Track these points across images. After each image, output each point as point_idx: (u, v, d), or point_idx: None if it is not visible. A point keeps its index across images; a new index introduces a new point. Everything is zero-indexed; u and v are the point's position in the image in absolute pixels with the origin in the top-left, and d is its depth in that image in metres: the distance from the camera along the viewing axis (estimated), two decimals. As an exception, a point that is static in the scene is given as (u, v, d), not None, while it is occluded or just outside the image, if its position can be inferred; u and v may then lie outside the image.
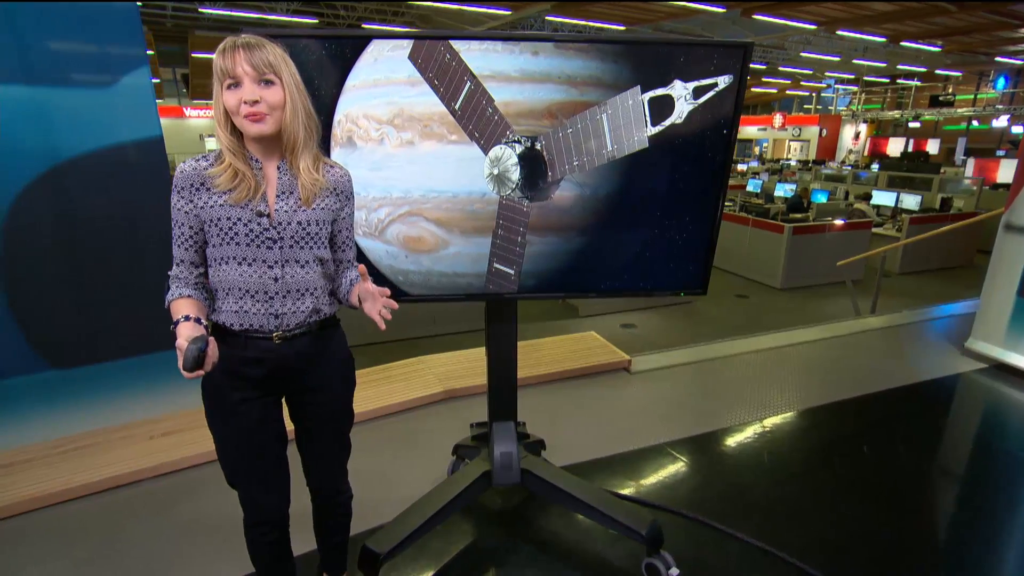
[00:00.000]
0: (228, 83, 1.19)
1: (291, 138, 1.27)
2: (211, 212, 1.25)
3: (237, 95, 1.19)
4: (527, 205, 1.72)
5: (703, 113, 1.67)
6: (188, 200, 1.26)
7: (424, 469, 2.53)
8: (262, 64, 1.19)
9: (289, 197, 1.30)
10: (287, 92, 1.23)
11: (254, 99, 1.19)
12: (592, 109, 1.63)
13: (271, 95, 1.21)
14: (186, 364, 1.09)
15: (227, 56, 1.18)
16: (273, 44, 1.22)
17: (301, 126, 1.27)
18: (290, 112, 1.24)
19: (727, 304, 6.37)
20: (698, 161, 1.74)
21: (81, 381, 2.70)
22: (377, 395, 3.09)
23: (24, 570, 1.93)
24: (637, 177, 1.73)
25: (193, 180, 1.25)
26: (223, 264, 1.29)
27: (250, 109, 1.19)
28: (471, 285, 1.82)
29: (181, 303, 1.27)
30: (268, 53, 1.20)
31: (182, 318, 1.22)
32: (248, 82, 1.19)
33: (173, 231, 1.30)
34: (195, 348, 1.10)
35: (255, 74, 1.19)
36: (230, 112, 1.22)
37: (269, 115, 1.21)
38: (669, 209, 1.79)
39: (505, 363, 2.14)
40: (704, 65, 1.62)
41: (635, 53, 1.61)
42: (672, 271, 1.88)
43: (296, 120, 1.25)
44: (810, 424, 3.00)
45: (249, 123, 1.21)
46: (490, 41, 1.54)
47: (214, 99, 1.24)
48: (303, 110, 1.27)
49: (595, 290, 1.88)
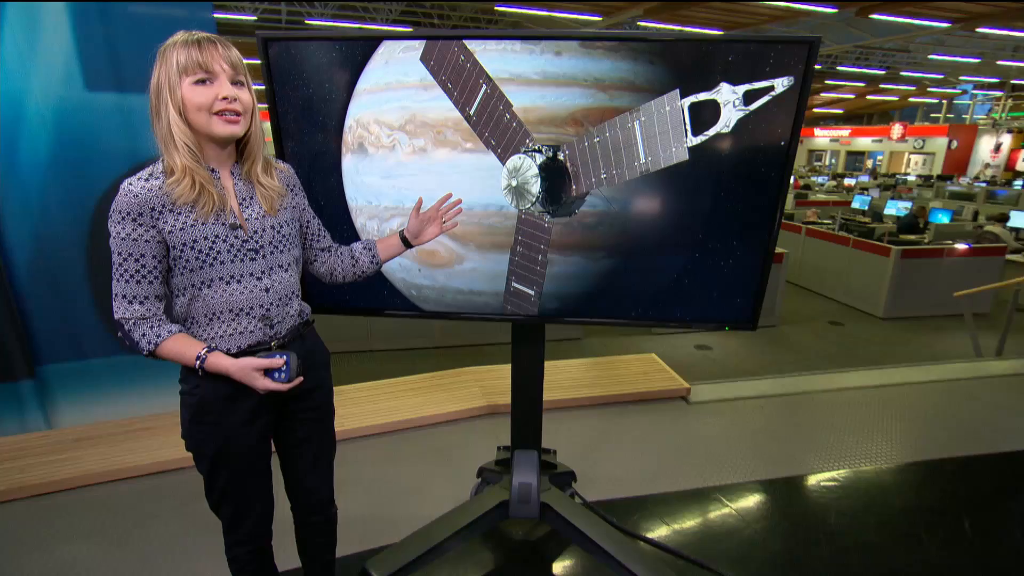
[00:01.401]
0: (199, 78, 1.09)
1: (254, 143, 1.22)
2: (182, 235, 1.14)
3: (210, 91, 1.10)
4: (548, 221, 1.57)
5: (756, 121, 1.43)
6: (149, 227, 1.12)
7: (450, 487, 2.43)
8: (237, 63, 1.14)
9: (251, 203, 1.24)
10: (252, 95, 1.18)
11: (234, 95, 1.12)
12: (623, 116, 1.45)
13: (244, 96, 1.15)
14: (297, 372, 1.22)
15: (203, 49, 1.09)
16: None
17: (260, 133, 1.23)
18: (255, 116, 1.20)
19: (818, 331, 5.76)
20: (749, 178, 1.50)
21: (153, 367, 2.88)
22: (417, 404, 3.04)
23: (56, 548, 2.05)
24: (675, 194, 1.52)
25: (152, 202, 1.12)
26: (206, 288, 1.20)
27: (228, 106, 1.12)
28: (488, 305, 1.70)
29: (178, 341, 1.19)
30: (237, 53, 1.15)
31: (204, 352, 1.18)
32: (224, 79, 1.12)
33: (123, 266, 1.14)
34: (293, 357, 1.22)
35: (231, 72, 1.13)
36: (195, 108, 1.10)
37: (243, 116, 1.16)
38: (713, 232, 1.56)
39: (530, 388, 2.00)
40: (758, 65, 1.39)
41: (674, 52, 1.41)
42: (715, 302, 1.64)
43: (257, 124, 1.21)
44: (901, 483, 2.57)
45: (222, 123, 1.12)
46: (507, 40, 1.41)
47: (165, 96, 1.10)
48: (258, 117, 1.22)
49: (624, 318, 1.69)
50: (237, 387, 1.26)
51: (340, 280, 1.48)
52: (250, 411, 1.29)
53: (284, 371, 1.20)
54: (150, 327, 1.18)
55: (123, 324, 1.18)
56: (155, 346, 1.18)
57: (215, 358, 1.19)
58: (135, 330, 1.18)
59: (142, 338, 1.17)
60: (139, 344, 1.18)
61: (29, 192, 2.58)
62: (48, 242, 2.63)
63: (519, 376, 1.98)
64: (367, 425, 2.84)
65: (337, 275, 1.48)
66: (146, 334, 1.17)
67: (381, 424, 2.87)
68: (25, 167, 2.55)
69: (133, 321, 1.18)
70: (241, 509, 1.39)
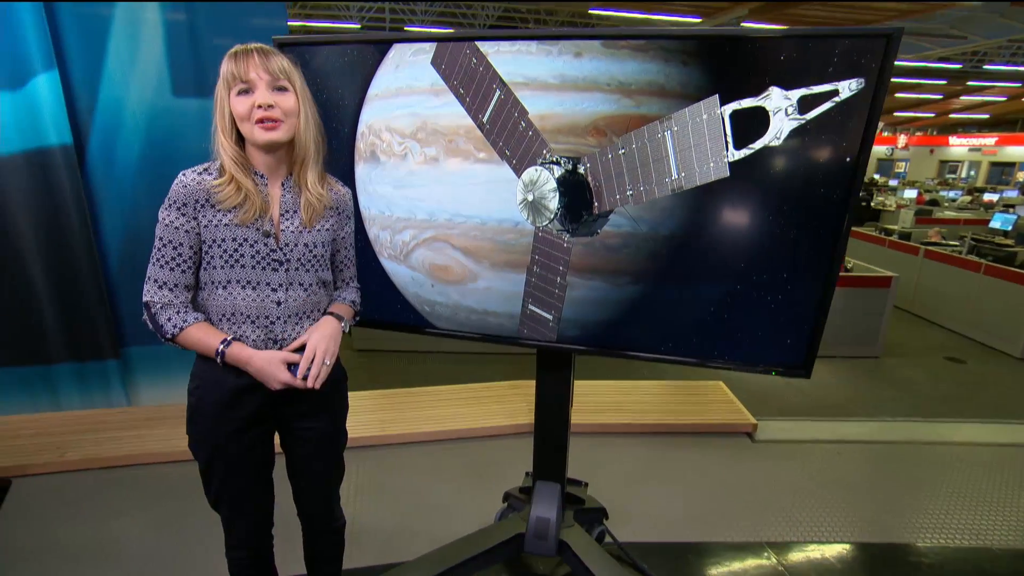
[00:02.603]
0: (239, 88, 1.13)
1: (303, 149, 1.21)
2: (215, 232, 1.17)
3: (249, 100, 1.13)
4: (567, 240, 1.42)
5: (815, 133, 1.20)
6: (191, 217, 1.16)
7: (479, 507, 2.33)
8: (277, 70, 1.14)
9: (293, 217, 1.23)
10: (300, 100, 1.18)
11: (268, 103, 1.13)
12: (651, 125, 1.27)
13: (285, 101, 1.15)
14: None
15: (239, 60, 1.12)
16: (282, 54, 1.17)
17: (312, 138, 1.21)
18: (303, 121, 1.19)
19: (932, 367, 5.02)
20: (804, 200, 1.26)
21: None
22: (461, 415, 2.98)
23: (106, 521, 2.19)
24: (712, 216, 1.32)
25: (198, 195, 1.16)
26: (223, 288, 1.20)
27: (264, 113, 1.13)
28: (502, 326, 1.58)
29: (201, 329, 1.19)
30: (282, 59, 1.16)
31: (227, 342, 1.18)
32: (262, 87, 1.13)
33: (162, 251, 1.17)
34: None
35: (270, 79, 1.14)
36: (239, 119, 1.14)
37: (283, 122, 1.15)
38: (758, 262, 1.33)
39: (555, 415, 1.85)
40: (818, 65, 1.16)
41: (713, 51, 1.21)
42: (761, 342, 1.40)
43: (308, 130, 1.20)
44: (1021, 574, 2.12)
45: (261, 130, 1.14)
46: (522, 41, 1.28)
47: (218, 107, 1.16)
48: (315, 121, 1.22)
49: (652, 352, 1.49)
50: (233, 396, 1.24)
51: None
52: (243, 421, 1.27)
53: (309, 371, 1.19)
54: (176, 312, 1.18)
55: (150, 307, 1.19)
56: (179, 331, 1.18)
57: (237, 348, 1.19)
58: (161, 314, 1.18)
59: (167, 322, 1.18)
60: (163, 328, 1.18)
61: (123, 189, 2.81)
62: (135, 235, 2.85)
63: (544, 402, 1.84)
64: (408, 432, 2.82)
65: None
66: (171, 319, 1.18)
67: (422, 432, 2.84)
68: (119, 167, 2.78)
69: (160, 305, 1.18)
70: (236, 514, 1.39)
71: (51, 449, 2.54)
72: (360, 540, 2.10)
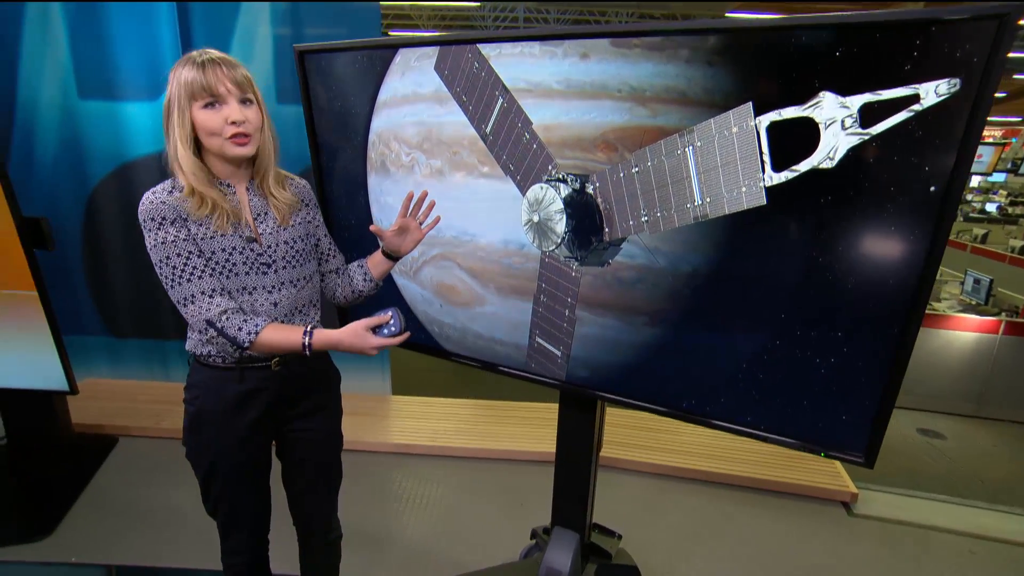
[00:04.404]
0: (206, 102, 1.10)
1: (266, 159, 1.19)
2: (203, 245, 1.14)
3: (220, 115, 1.10)
4: (576, 269, 1.24)
5: (884, 152, 0.90)
6: (185, 228, 1.12)
7: (508, 538, 2.19)
8: (244, 82, 1.12)
9: (266, 218, 1.22)
10: (263, 111, 1.16)
11: (242, 119, 1.11)
12: (670, 139, 1.05)
13: (253, 115, 1.13)
14: (403, 325, 1.15)
15: (207, 72, 1.08)
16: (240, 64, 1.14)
17: (271, 145, 1.20)
18: (267, 132, 1.17)
19: None
20: (868, 240, 0.95)
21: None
22: (509, 435, 2.83)
23: (178, 488, 2.39)
24: (745, 253, 1.05)
25: (177, 211, 1.12)
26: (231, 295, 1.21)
27: (238, 129, 1.11)
28: (510, 357, 1.43)
29: (275, 328, 1.16)
30: (243, 69, 1.13)
31: (309, 333, 1.15)
32: (232, 101, 1.11)
33: (186, 265, 1.11)
34: (398, 311, 1.14)
35: (239, 92, 1.11)
36: (207, 132, 1.10)
37: (254, 135, 1.13)
38: (804, 314, 1.04)
39: (576, 461, 1.65)
40: (889, 62, 0.86)
41: (745, 47, 0.95)
42: (807, 413, 1.10)
43: (270, 141, 1.19)
44: None
45: (233, 145, 1.12)
46: (525, 43, 1.12)
47: (176, 117, 1.10)
48: (272, 130, 1.20)
49: (671, 407, 1.25)
50: (238, 402, 1.24)
51: (342, 301, 1.41)
52: (246, 428, 1.27)
53: (393, 325, 1.14)
54: (243, 320, 1.13)
55: (215, 323, 1.12)
56: (256, 335, 1.12)
57: (321, 333, 1.16)
58: (229, 325, 1.12)
59: (239, 331, 1.12)
60: (238, 338, 1.12)
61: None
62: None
63: (565, 443, 1.65)
64: (450, 445, 2.75)
65: (338, 296, 1.40)
66: (243, 326, 1.12)
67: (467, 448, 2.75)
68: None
69: (226, 315, 1.12)
70: (233, 522, 1.40)
71: (151, 416, 2.85)
72: (375, 554, 2.07)
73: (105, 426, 2.75)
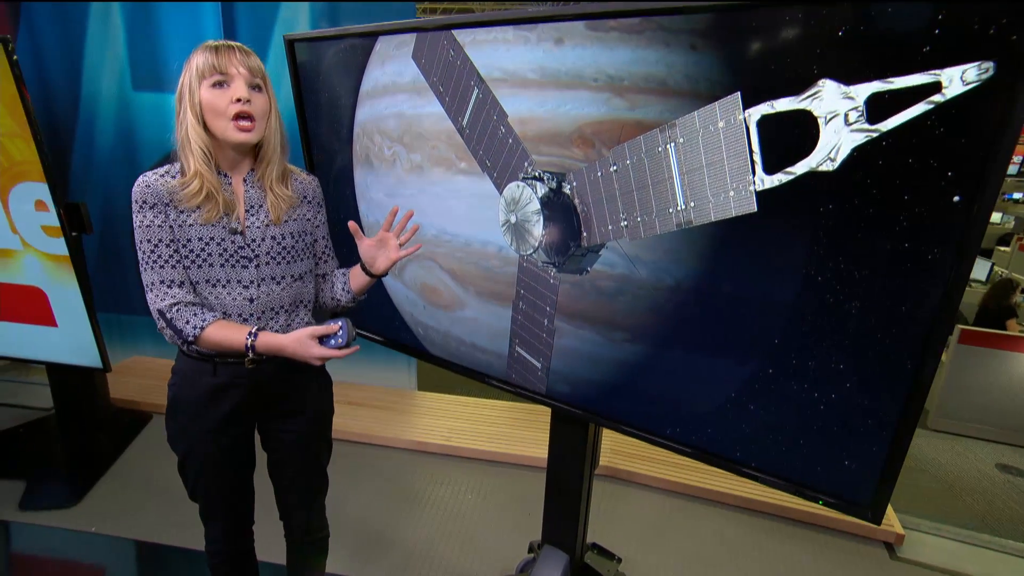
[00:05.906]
0: (215, 80, 1.08)
1: (269, 149, 1.17)
2: (180, 232, 1.13)
3: (226, 94, 1.09)
4: (553, 275, 1.13)
5: (896, 152, 0.74)
6: (163, 214, 1.12)
7: (509, 548, 2.11)
8: (256, 68, 1.12)
9: (259, 211, 1.19)
10: (272, 101, 1.15)
11: (247, 97, 1.10)
12: (649, 135, 0.92)
13: (260, 101, 1.13)
14: (351, 338, 1.13)
15: (220, 54, 1.09)
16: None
17: (279, 141, 1.18)
18: (274, 121, 1.16)
19: None
20: (877, 255, 0.79)
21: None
22: (529, 439, 2.73)
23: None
24: (733, 267, 0.91)
25: (162, 196, 1.12)
26: (194, 288, 1.18)
27: (242, 107, 1.09)
28: (492, 366, 1.34)
29: (222, 325, 1.15)
30: (257, 59, 1.13)
31: (253, 334, 1.14)
32: (240, 81, 1.10)
33: (155, 252, 1.13)
34: (348, 322, 1.12)
35: (249, 76, 1.11)
36: (213, 113, 1.10)
37: (258, 122, 1.12)
38: (800, 340, 0.89)
39: (566, 479, 1.55)
40: (903, 43, 0.70)
41: (732, 29, 0.81)
42: (803, 454, 0.95)
43: (277, 131, 1.17)
44: None
45: (236, 129, 1.10)
46: (499, 27, 1.02)
47: (187, 99, 1.10)
48: (281, 124, 1.18)
49: (654, 434, 1.12)
50: (209, 394, 1.24)
51: (324, 307, 1.36)
52: (218, 421, 1.26)
53: (340, 337, 1.12)
54: (193, 313, 1.13)
55: (164, 312, 1.13)
56: (200, 331, 1.12)
57: (265, 337, 1.16)
58: (178, 317, 1.13)
59: (186, 324, 1.12)
60: (183, 331, 1.12)
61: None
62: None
63: (556, 457, 1.55)
64: (467, 446, 2.69)
65: (321, 301, 1.35)
66: (190, 320, 1.13)
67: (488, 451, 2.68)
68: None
69: (177, 307, 1.13)
70: (210, 512, 1.40)
71: (184, 396, 2.97)
72: (370, 553, 2.04)
73: (140, 403, 2.89)
